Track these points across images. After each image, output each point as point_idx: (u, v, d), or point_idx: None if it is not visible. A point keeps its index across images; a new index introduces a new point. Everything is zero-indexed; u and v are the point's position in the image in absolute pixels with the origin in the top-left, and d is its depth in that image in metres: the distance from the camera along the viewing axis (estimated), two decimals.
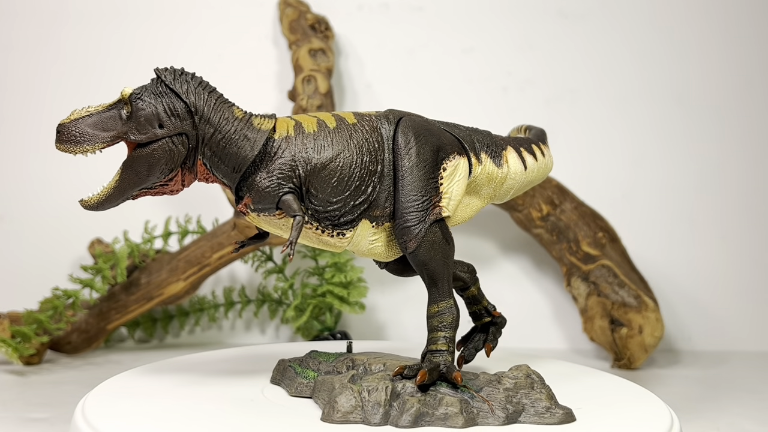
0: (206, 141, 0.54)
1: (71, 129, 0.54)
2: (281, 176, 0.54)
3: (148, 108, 0.54)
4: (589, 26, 1.04)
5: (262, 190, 0.54)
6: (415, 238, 0.55)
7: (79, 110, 0.55)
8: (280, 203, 0.54)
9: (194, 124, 0.54)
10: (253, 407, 0.54)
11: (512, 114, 1.04)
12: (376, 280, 1.00)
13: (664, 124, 1.04)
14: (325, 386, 0.54)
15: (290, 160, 0.54)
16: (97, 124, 0.54)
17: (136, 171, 0.54)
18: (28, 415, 0.67)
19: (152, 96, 0.54)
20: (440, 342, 0.55)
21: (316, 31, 1.00)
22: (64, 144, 0.55)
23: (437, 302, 0.56)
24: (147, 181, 0.54)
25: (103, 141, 0.54)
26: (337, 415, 0.51)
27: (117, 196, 0.54)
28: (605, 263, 0.91)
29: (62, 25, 1.03)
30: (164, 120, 0.54)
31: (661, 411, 0.55)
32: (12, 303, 0.90)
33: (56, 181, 1.02)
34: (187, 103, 0.54)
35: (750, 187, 1.04)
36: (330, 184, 0.55)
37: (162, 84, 0.54)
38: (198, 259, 0.91)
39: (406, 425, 0.50)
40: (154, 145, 0.54)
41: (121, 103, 0.54)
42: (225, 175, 0.55)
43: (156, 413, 0.52)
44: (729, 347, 1.01)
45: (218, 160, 0.55)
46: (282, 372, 0.60)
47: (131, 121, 0.53)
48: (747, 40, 1.04)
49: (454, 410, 0.51)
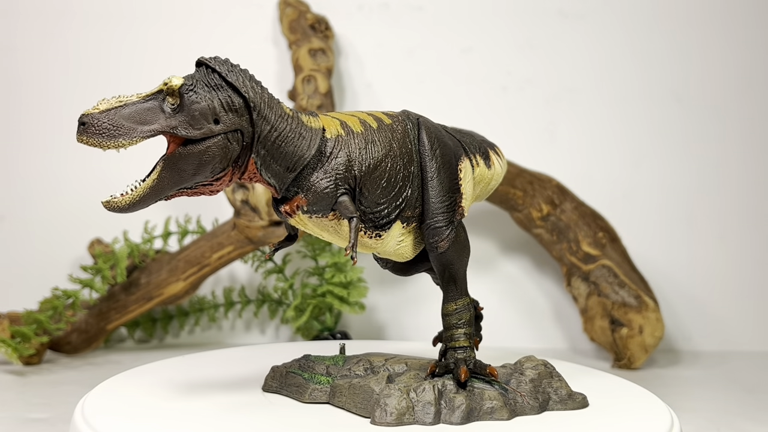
0: (261, 138, 0.50)
1: (102, 121, 0.47)
2: (339, 177, 0.52)
3: (203, 101, 0.49)
4: (588, 26, 1.04)
5: (320, 191, 0.51)
6: (446, 238, 0.55)
7: (109, 100, 0.48)
8: (336, 205, 0.52)
9: (251, 120, 0.50)
10: (269, 411, 0.53)
11: (512, 114, 1.04)
12: (376, 280, 1.00)
13: (664, 124, 1.04)
14: (358, 390, 0.53)
15: (346, 161, 0.52)
16: (133, 116, 0.48)
17: (180, 169, 0.49)
18: (27, 416, 0.67)
19: (206, 88, 0.49)
20: (461, 339, 0.56)
21: (316, 31, 1.00)
22: (95, 137, 0.47)
23: (455, 300, 0.56)
24: (191, 180, 0.49)
25: (142, 135, 0.48)
26: (390, 418, 0.50)
27: (153, 196, 0.49)
28: (605, 263, 0.91)
29: (63, 26, 1.03)
30: (221, 115, 0.49)
31: (661, 411, 0.55)
32: (12, 303, 0.91)
33: (56, 181, 1.02)
34: (246, 98, 0.50)
35: (750, 186, 1.04)
36: (380, 185, 0.54)
37: (216, 76, 0.50)
38: (198, 259, 0.91)
39: (458, 422, 0.51)
40: (208, 141, 0.49)
41: (162, 94, 0.48)
42: (275, 175, 0.51)
43: (156, 413, 0.52)
44: (729, 347, 1.01)
45: (271, 159, 0.51)
46: (281, 379, 0.58)
47: (181, 114, 0.48)
48: (747, 40, 1.04)
49: (499, 404, 0.53)
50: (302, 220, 0.53)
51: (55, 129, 1.03)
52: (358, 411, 0.52)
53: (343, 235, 0.54)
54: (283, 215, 0.53)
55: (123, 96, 0.48)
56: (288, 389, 0.56)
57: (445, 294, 0.57)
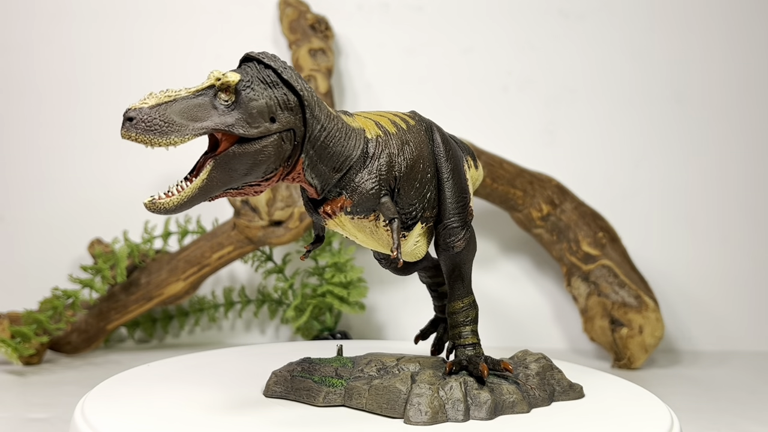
0: (311, 138, 0.49)
1: (153, 116, 0.44)
2: (382, 178, 0.51)
3: (261, 99, 0.47)
4: (589, 26, 1.04)
5: (366, 192, 0.51)
6: (463, 238, 0.56)
7: (157, 94, 0.45)
8: (378, 206, 0.51)
9: (304, 119, 0.48)
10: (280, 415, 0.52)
11: (512, 114, 1.04)
12: (376, 280, 1.00)
13: (664, 124, 1.04)
14: (381, 391, 0.53)
15: (388, 161, 0.52)
16: (184, 112, 0.45)
17: (232, 169, 0.46)
18: (27, 416, 0.67)
19: (262, 85, 0.47)
20: (470, 336, 0.57)
21: (316, 30, 1.00)
22: (145, 134, 0.43)
23: (461, 298, 0.57)
24: (241, 180, 0.47)
25: (194, 132, 0.45)
26: (425, 417, 0.51)
27: (200, 197, 0.46)
28: (605, 263, 0.91)
29: (63, 26, 1.03)
30: (277, 113, 0.47)
31: (662, 411, 0.55)
32: (12, 303, 0.90)
33: (56, 181, 1.02)
34: (301, 96, 0.48)
35: (750, 186, 1.04)
36: (414, 186, 0.54)
37: (271, 72, 0.48)
38: (198, 259, 0.91)
39: (486, 417, 0.52)
40: (264, 141, 0.47)
41: (213, 89, 0.46)
42: (320, 175, 0.50)
43: (155, 413, 0.52)
44: (729, 347, 1.01)
45: (318, 159, 0.49)
46: (286, 384, 0.56)
47: (237, 111, 0.46)
48: (747, 40, 1.04)
49: (518, 397, 0.54)
50: (342, 221, 0.52)
51: (55, 129, 1.03)
52: (383, 412, 0.52)
53: (378, 237, 0.54)
54: (321, 216, 0.51)
55: (171, 90, 0.45)
56: (297, 394, 0.55)
57: (452, 292, 0.57)
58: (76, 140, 1.03)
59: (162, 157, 1.04)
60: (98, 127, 1.03)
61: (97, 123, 1.03)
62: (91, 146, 1.02)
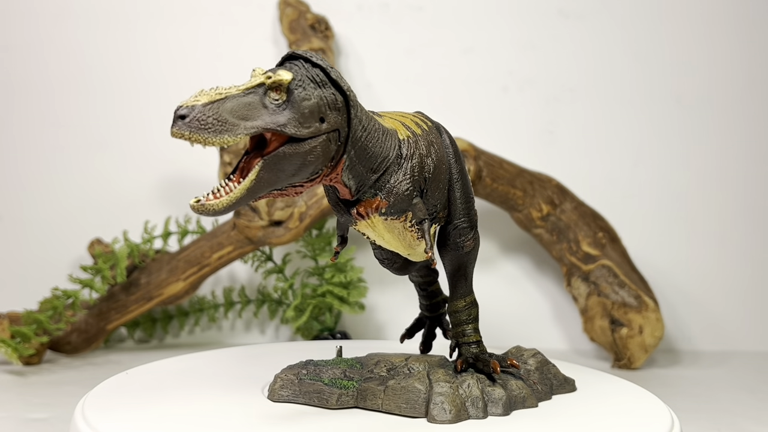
0: (353, 138, 0.48)
1: (207, 114, 0.42)
2: (415, 179, 0.51)
3: (313, 98, 0.45)
4: (589, 26, 1.04)
5: (401, 194, 0.50)
6: (472, 238, 0.57)
7: (208, 92, 0.43)
8: (411, 206, 0.51)
9: (348, 119, 0.47)
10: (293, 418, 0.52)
11: (512, 114, 1.04)
12: (376, 280, 1.00)
13: (664, 124, 1.04)
14: (400, 391, 0.53)
15: (419, 162, 0.51)
16: (235, 110, 0.43)
17: (280, 170, 0.45)
18: (27, 416, 0.67)
19: (312, 85, 0.46)
20: (473, 334, 0.58)
21: (316, 30, 1.00)
22: (199, 132, 0.42)
23: (464, 297, 0.58)
24: (288, 180, 0.46)
25: (246, 131, 0.43)
26: (449, 416, 0.51)
27: (248, 197, 0.44)
28: (605, 263, 0.91)
29: (63, 26, 1.03)
30: (326, 113, 0.46)
31: (662, 411, 0.55)
32: (11, 303, 0.90)
33: (56, 181, 1.02)
34: (347, 96, 0.47)
35: (750, 187, 1.04)
36: (438, 187, 0.54)
37: (319, 71, 0.47)
38: (197, 259, 0.91)
39: (502, 413, 0.53)
40: (314, 141, 0.45)
41: (263, 87, 0.44)
42: (357, 176, 0.49)
43: (155, 413, 0.52)
44: (729, 347, 1.01)
45: (357, 160, 0.48)
46: (294, 388, 0.55)
47: (288, 111, 0.45)
48: (747, 40, 1.04)
49: (528, 392, 0.56)
50: (374, 222, 0.51)
51: (55, 129, 1.03)
52: (402, 412, 0.52)
53: (404, 237, 0.53)
54: (353, 217, 0.51)
55: (221, 87, 0.44)
56: (307, 397, 0.55)
57: (455, 291, 0.58)
58: (77, 140, 1.02)
59: (162, 157, 1.04)
60: (98, 128, 1.03)
61: (97, 123, 1.03)
62: (92, 146, 1.02)
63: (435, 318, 0.66)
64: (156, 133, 1.03)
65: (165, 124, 1.03)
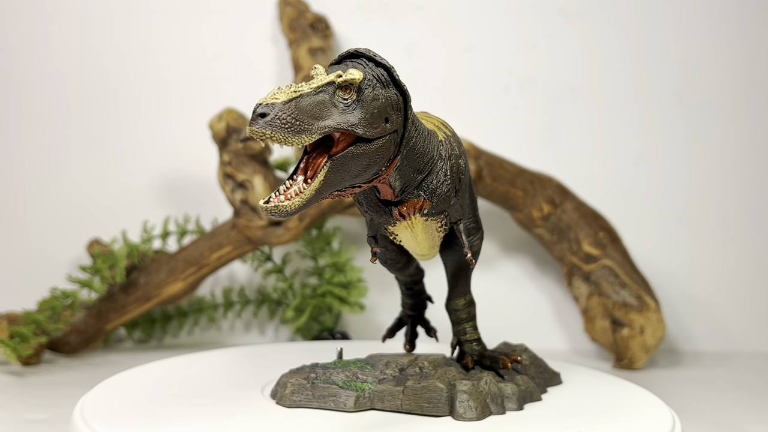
0: (407, 139, 0.47)
1: (286, 113, 0.41)
2: (454, 180, 0.51)
3: (381, 98, 0.45)
4: (590, 25, 1.04)
5: (443, 194, 0.50)
6: (479, 238, 0.57)
7: (285, 89, 0.42)
8: (449, 207, 0.51)
9: (405, 119, 0.47)
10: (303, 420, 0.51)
11: (513, 113, 1.04)
12: (376, 280, 1.00)
13: (665, 123, 1.04)
14: (421, 391, 0.53)
15: (456, 164, 0.51)
16: (309, 109, 0.42)
17: (346, 170, 0.44)
18: (26, 416, 0.67)
19: (379, 84, 0.45)
20: (473, 332, 0.59)
21: (316, 30, 1.00)
22: (281, 132, 0.41)
23: (464, 295, 0.59)
24: (351, 181, 0.45)
25: (319, 132, 0.42)
26: (474, 413, 0.52)
27: (316, 198, 0.43)
28: (606, 263, 0.91)
29: (62, 25, 1.03)
30: (390, 114, 0.45)
31: (663, 412, 0.55)
32: (10, 303, 0.90)
33: (55, 181, 1.02)
34: (406, 97, 0.47)
35: (752, 187, 1.03)
36: (463, 188, 0.54)
37: (383, 70, 0.46)
38: (197, 259, 0.91)
39: (517, 408, 0.54)
40: (380, 141, 0.45)
41: (332, 86, 0.44)
42: (404, 176, 0.48)
43: (154, 413, 0.52)
44: (731, 347, 1.01)
45: (406, 160, 0.48)
46: (307, 392, 0.54)
47: (358, 111, 0.44)
48: (748, 39, 1.04)
49: (533, 386, 0.57)
50: (414, 222, 0.51)
51: (53, 129, 1.02)
52: (424, 411, 0.52)
53: (432, 237, 0.54)
54: (394, 218, 0.50)
55: (294, 85, 0.43)
56: (322, 401, 0.54)
57: (455, 290, 0.59)
58: (75, 140, 1.02)
59: (160, 156, 1.04)
60: (98, 127, 1.03)
61: (96, 123, 1.03)
62: (90, 146, 1.02)
63: (417, 317, 0.67)
64: (155, 132, 1.03)
65: (164, 123, 1.03)
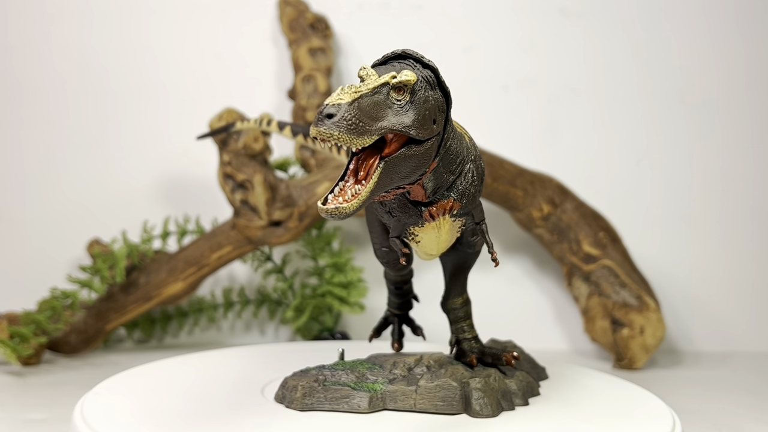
0: (444, 141, 0.47)
1: (352, 114, 0.41)
2: (481, 181, 0.51)
3: (431, 100, 0.45)
4: (590, 25, 1.04)
5: (471, 195, 0.50)
6: (483, 238, 0.57)
7: (347, 89, 0.42)
8: (474, 208, 0.51)
9: (445, 121, 0.47)
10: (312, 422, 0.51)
11: (513, 113, 1.04)
12: (376, 281, 0.99)
13: (666, 123, 1.04)
14: (434, 390, 0.53)
15: (480, 165, 0.51)
16: (367, 110, 0.42)
17: (395, 171, 0.44)
18: (26, 416, 0.67)
19: (428, 87, 0.45)
20: (471, 330, 0.59)
21: (316, 30, 1.00)
22: (348, 133, 0.41)
23: (461, 294, 0.59)
24: (398, 182, 0.45)
25: (377, 133, 0.42)
26: (489, 410, 0.53)
27: (370, 199, 0.43)
28: (606, 263, 0.91)
29: (62, 25, 1.03)
30: (437, 115, 0.45)
31: (663, 412, 0.55)
32: (10, 303, 0.90)
33: (55, 181, 1.02)
34: (448, 99, 0.47)
35: (752, 187, 1.03)
36: (482, 191, 0.54)
37: (431, 73, 0.46)
38: (197, 259, 0.91)
39: (523, 403, 0.55)
40: (428, 143, 0.45)
41: (386, 87, 0.43)
42: (438, 178, 0.48)
43: (155, 414, 0.52)
44: (731, 348, 1.01)
45: (441, 162, 0.47)
46: (318, 395, 0.54)
47: (411, 112, 0.44)
48: (749, 39, 1.04)
49: (531, 380, 0.58)
50: (442, 223, 0.51)
51: (53, 128, 1.02)
52: (438, 410, 0.53)
53: (453, 239, 0.54)
54: (423, 219, 0.50)
55: (354, 85, 0.42)
56: (335, 403, 0.53)
57: (453, 289, 0.59)
58: (75, 140, 1.02)
59: (160, 156, 1.04)
60: (97, 127, 1.03)
61: (96, 123, 1.03)
62: (90, 146, 1.02)
63: (402, 316, 0.68)
64: (155, 132, 1.03)
65: (164, 123, 1.03)
